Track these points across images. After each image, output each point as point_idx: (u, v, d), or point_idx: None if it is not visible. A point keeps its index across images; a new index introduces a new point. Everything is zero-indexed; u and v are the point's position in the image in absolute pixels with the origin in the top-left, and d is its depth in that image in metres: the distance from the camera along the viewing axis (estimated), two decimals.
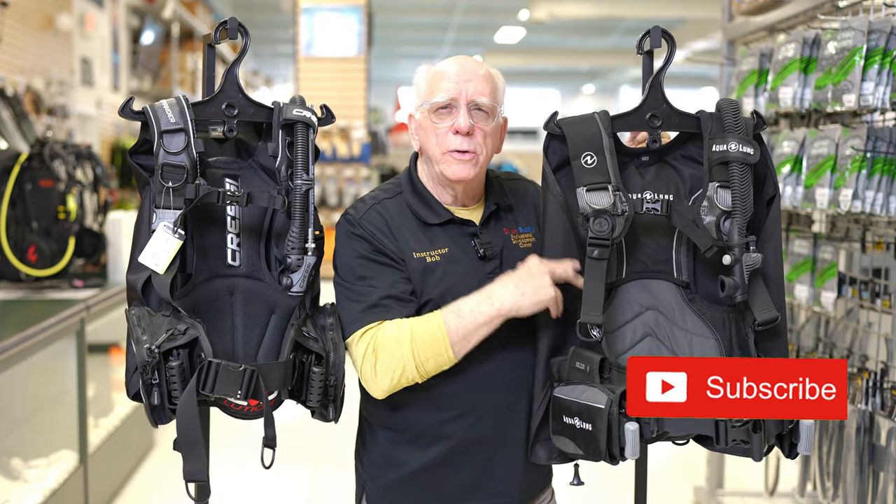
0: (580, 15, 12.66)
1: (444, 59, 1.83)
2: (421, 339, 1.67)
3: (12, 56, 5.36)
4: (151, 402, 1.60)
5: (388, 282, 1.74)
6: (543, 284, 1.66)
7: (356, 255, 1.77)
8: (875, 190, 2.51)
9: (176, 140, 1.65)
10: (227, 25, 1.74)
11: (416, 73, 1.85)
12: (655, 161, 1.77)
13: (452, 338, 1.67)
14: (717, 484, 3.70)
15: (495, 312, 1.67)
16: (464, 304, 1.68)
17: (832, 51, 2.65)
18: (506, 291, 1.67)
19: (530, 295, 1.66)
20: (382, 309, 1.72)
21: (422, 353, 1.67)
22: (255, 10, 13.79)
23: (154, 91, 8.50)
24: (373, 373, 1.71)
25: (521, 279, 1.67)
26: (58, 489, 3.24)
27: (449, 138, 1.76)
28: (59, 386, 3.62)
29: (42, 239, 3.69)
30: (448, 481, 1.81)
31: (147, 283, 1.65)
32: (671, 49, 1.74)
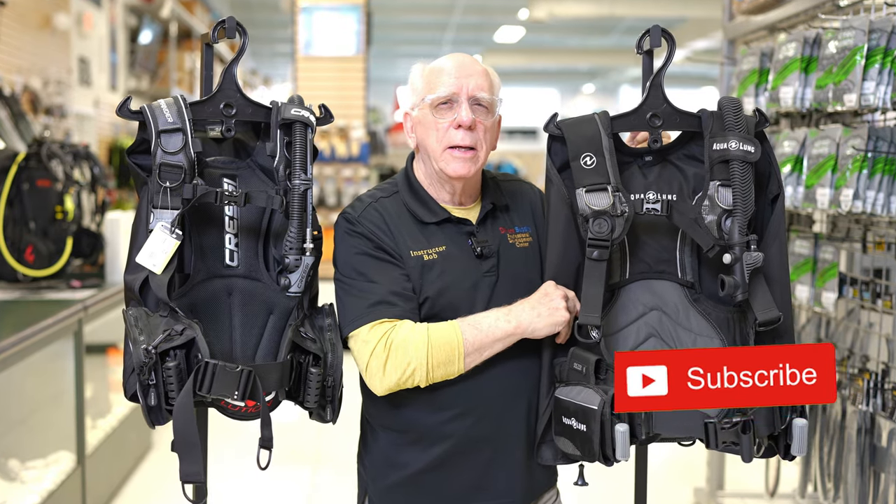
0: (580, 14, 12.66)
1: (440, 57, 1.84)
2: (437, 345, 1.68)
3: (9, 55, 5.34)
4: (148, 403, 1.60)
5: (390, 278, 1.74)
6: (559, 307, 1.67)
7: (356, 251, 1.77)
8: (876, 190, 2.51)
9: (174, 140, 1.65)
10: (226, 25, 1.74)
11: (412, 72, 1.85)
12: (659, 161, 1.77)
13: (467, 349, 1.68)
14: (717, 485, 3.69)
15: (512, 330, 1.68)
16: (483, 319, 1.70)
17: (833, 50, 2.64)
18: (523, 311, 1.69)
19: (545, 316, 1.67)
20: (389, 305, 1.71)
21: (435, 358, 1.68)
22: (254, 9, 13.78)
23: (152, 91, 8.49)
24: (381, 369, 1.69)
25: (538, 301, 1.69)
26: (55, 490, 3.23)
27: (450, 133, 1.76)
28: (57, 387, 3.61)
29: (39, 239, 3.68)
30: (450, 482, 1.81)
31: (145, 283, 1.65)
32: (671, 48, 1.74)
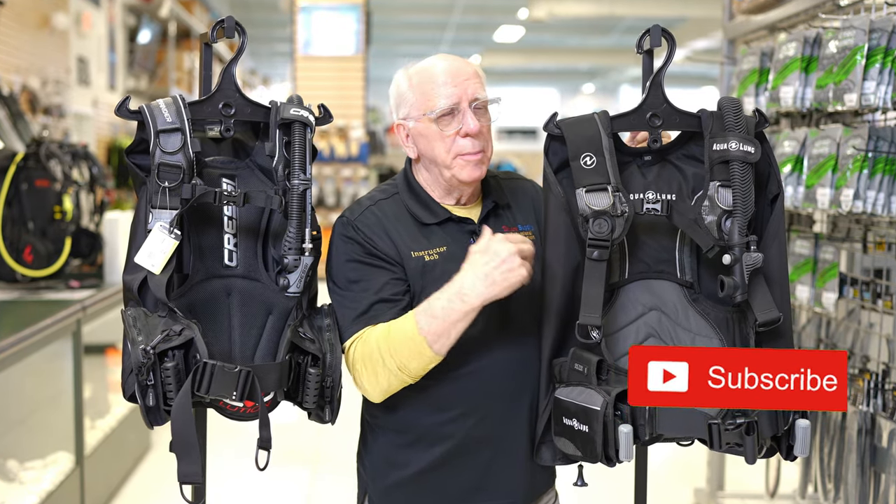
0: (580, 13, 12.67)
1: (423, 62, 1.80)
2: (397, 343, 1.66)
3: (8, 55, 5.34)
4: (147, 404, 1.59)
5: (379, 284, 1.73)
6: (513, 267, 1.60)
7: (347, 258, 1.77)
8: (876, 190, 2.50)
9: (172, 140, 1.64)
10: (225, 24, 1.73)
11: (397, 80, 1.81)
12: (658, 161, 1.76)
13: (428, 338, 1.64)
14: (717, 486, 3.69)
15: (469, 308, 1.62)
16: (436, 303, 1.64)
17: (833, 50, 2.64)
18: (475, 283, 1.61)
19: (500, 282, 1.60)
20: (372, 315, 1.72)
21: (400, 356, 1.66)
22: (253, 8, 13.77)
23: (151, 90, 8.48)
24: (361, 382, 1.72)
25: (488, 265, 1.60)
26: (54, 491, 3.22)
27: (458, 142, 1.74)
28: (56, 387, 3.60)
29: (38, 239, 3.67)
30: (450, 482, 1.80)
31: (143, 283, 1.65)
32: (671, 48, 1.73)
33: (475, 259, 1.63)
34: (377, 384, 1.70)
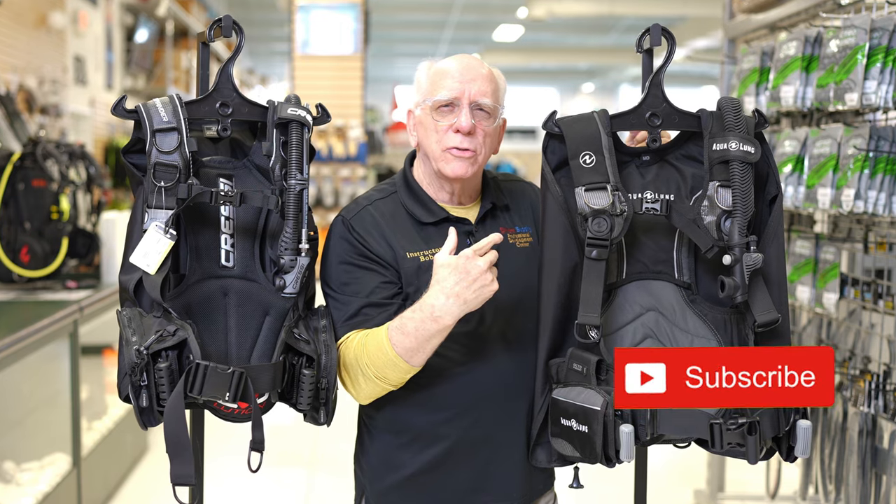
0: (579, 13, 12.67)
1: (447, 57, 1.82)
2: (374, 355, 1.67)
3: (5, 54, 5.32)
4: (140, 404, 1.59)
5: (369, 288, 1.74)
6: (484, 283, 1.60)
7: (339, 260, 1.77)
8: (878, 190, 2.49)
9: (169, 139, 1.63)
10: (222, 23, 1.72)
11: (418, 70, 1.83)
12: (656, 160, 1.75)
13: (402, 354, 1.64)
14: (717, 487, 3.68)
15: (442, 326, 1.62)
16: (408, 322, 1.63)
17: (834, 49, 2.63)
18: (447, 304, 1.60)
19: (472, 300, 1.60)
20: (360, 320, 1.73)
21: (377, 367, 1.67)
22: (251, 7, 13.76)
23: (148, 90, 8.48)
24: (346, 386, 1.75)
25: (459, 286, 1.59)
26: (51, 492, 3.21)
27: (449, 136, 1.75)
28: (52, 388, 3.59)
29: (35, 239, 3.66)
30: (447, 484, 1.80)
31: (139, 283, 1.64)
32: (671, 47, 1.73)
33: (445, 277, 1.61)
34: (361, 389, 1.72)
